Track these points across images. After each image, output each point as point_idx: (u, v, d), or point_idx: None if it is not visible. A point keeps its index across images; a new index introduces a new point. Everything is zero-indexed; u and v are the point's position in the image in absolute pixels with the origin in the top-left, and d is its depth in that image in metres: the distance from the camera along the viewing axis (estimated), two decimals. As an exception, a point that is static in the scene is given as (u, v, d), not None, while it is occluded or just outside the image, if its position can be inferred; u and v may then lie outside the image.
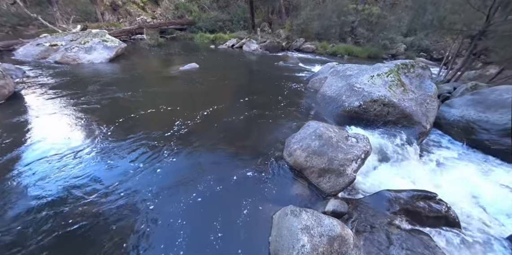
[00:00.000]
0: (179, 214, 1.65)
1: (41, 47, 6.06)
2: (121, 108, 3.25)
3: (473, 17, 5.51)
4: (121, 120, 2.89)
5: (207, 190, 1.89)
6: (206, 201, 1.79)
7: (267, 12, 14.74)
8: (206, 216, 1.67)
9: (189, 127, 2.80)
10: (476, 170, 2.79)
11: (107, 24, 11.90)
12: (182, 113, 3.19)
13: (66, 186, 1.80)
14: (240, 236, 1.57)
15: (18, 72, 4.37)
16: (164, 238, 1.49)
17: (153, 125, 2.81)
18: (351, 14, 12.92)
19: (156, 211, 1.66)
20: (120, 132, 2.60)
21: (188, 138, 2.57)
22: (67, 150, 2.23)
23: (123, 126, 2.74)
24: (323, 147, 2.22)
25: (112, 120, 2.85)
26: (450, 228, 1.88)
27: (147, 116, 3.07)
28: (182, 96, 3.98)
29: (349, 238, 1.45)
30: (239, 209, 1.76)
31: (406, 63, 4.09)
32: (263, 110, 3.51)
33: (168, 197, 1.79)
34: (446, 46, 12.22)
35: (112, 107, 3.29)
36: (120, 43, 6.71)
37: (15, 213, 1.55)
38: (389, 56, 12.00)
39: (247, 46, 10.28)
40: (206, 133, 2.73)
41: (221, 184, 1.97)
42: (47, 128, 2.64)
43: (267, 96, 4.18)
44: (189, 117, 3.09)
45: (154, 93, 4.02)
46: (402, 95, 3.54)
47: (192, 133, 2.70)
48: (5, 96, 3.26)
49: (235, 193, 1.90)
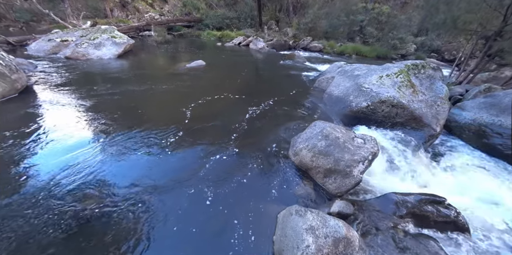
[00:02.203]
0: (183, 211, 1.66)
1: (52, 42, 6.18)
2: (129, 103, 3.29)
3: (489, 16, 5.32)
4: (128, 114, 2.92)
5: (211, 187, 1.89)
6: (210, 199, 1.79)
7: (275, 10, 14.62)
8: (209, 214, 1.67)
9: (193, 124, 2.81)
10: (487, 175, 2.71)
11: (116, 21, 12.04)
12: (188, 110, 3.21)
13: (76, 177, 1.83)
14: (244, 234, 1.57)
15: (30, 67, 4.47)
16: (167, 234, 1.50)
17: (159, 121, 2.83)
18: (360, 13, 12.67)
19: (160, 206, 1.67)
20: (126, 127, 2.63)
21: (192, 135, 2.58)
22: (77, 142, 2.27)
23: (130, 121, 2.77)
24: (330, 147, 2.19)
25: (119, 115, 2.89)
26: (459, 233, 1.84)
27: (154, 112, 3.09)
28: (189, 93, 3.99)
29: (355, 240, 1.43)
30: (243, 207, 1.76)
31: (416, 63, 3.99)
32: (269, 109, 3.50)
33: (172, 193, 1.80)
34: (459, 47, 11.88)
35: (119, 102, 3.33)
36: (128, 40, 6.77)
37: (25, 200, 1.59)
38: (398, 56, 11.75)
39: (254, 44, 10.23)
40: (211, 130, 2.73)
41: (226, 181, 1.97)
42: (58, 120, 2.71)
43: (273, 95, 4.15)
44: (194, 113, 3.10)
45: (162, 89, 4.05)
46: (411, 97, 3.46)
47: (196, 129, 2.70)
48: (18, 89, 3.34)
49: (239, 191, 1.90)
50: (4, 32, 7.94)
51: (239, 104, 3.66)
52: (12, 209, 1.54)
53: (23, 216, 1.50)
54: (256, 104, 3.67)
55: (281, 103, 3.77)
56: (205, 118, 3.02)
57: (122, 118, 2.85)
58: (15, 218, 1.48)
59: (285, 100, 3.90)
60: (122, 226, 1.51)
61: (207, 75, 5.19)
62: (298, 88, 4.75)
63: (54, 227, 1.45)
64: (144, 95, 3.69)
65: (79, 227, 1.47)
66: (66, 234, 1.42)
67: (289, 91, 4.49)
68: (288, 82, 5.11)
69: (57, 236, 1.40)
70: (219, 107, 3.41)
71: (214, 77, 5.03)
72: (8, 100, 3.12)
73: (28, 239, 1.37)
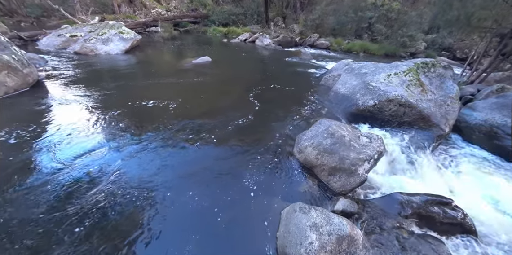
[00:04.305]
0: (188, 205, 1.69)
1: (62, 37, 6.27)
2: (136, 98, 3.33)
3: (505, 13, 5.10)
4: (135, 109, 2.97)
5: (216, 182, 1.91)
6: (214, 193, 1.81)
7: (281, 6, 14.41)
8: (213, 209, 1.69)
9: (199, 119, 2.84)
10: (497, 177, 2.64)
11: (123, 16, 12.11)
12: (194, 105, 3.23)
13: (85, 168, 1.88)
14: (247, 230, 1.59)
15: (41, 61, 4.56)
16: (172, 229, 1.53)
17: (166, 116, 2.86)
18: (369, 9, 12.34)
19: (165, 200, 1.70)
20: (133, 121, 2.67)
21: (197, 130, 2.60)
22: (87, 135, 2.32)
23: (136, 115, 2.81)
24: (335, 145, 2.18)
25: (126, 110, 2.93)
26: (466, 235, 1.81)
27: (161, 107, 3.12)
28: (194, 88, 4.01)
29: (358, 238, 1.43)
30: (247, 203, 1.77)
31: (426, 62, 3.89)
32: (274, 105, 3.48)
33: (177, 188, 1.83)
34: (472, 45, 11.48)
35: (128, 97, 3.38)
36: (135, 35, 6.82)
37: (35, 192, 1.65)
38: (407, 54, 11.45)
39: (260, 41, 10.14)
40: (216, 125, 2.74)
41: (230, 177, 1.99)
42: (70, 114, 2.79)
43: (279, 92, 4.13)
44: (200, 109, 3.12)
45: (168, 85, 4.08)
46: (420, 96, 3.38)
47: (202, 125, 2.72)
48: (29, 84, 3.42)
49: (243, 187, 1.91)
50: (16, 27, 8.10)
51: (244, 101, 3.65)
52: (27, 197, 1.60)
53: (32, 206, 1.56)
54: (261, 101, 3.66)
55: (286, 100, 3.75)
56: (210, 113, 3.03)
57: (127, 112, 2.89)
58: (34, 207, 1.54)
59: (290, 98, 3.87)
60: (124, 216, 1.55)
61: (213, 71, 5.19)
62: (303, 85, 4.71)
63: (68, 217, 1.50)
64: (149, 90, 3.73)
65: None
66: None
67: (295, 89, 4.45)
68: (294, 79, 5.07)
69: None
70: (224, 103, 3.42)
71: (220, 74, 5.03)
72: (20, 94, 3.20)
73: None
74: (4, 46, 3.24)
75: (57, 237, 1.38)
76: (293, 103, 3.65)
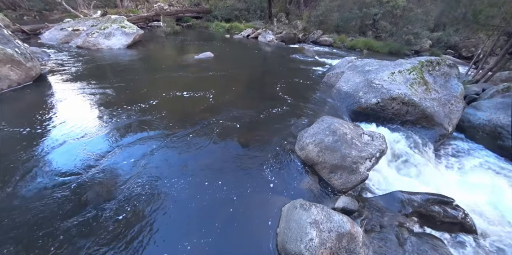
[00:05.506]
0: (189, 201, 1.70)
1: (64, 31, 6.25)
2: (138, 93, 3.33)
3: (514, 11, 5.00)
4: (137, 104, 2.96)
5: (217, 179, 1.92)
6: (214, 190, 1.82)
7: (285, 2, 14.20)
8: (214, 205, 1.70)
9: (200, 115, 2.83)
10: (499, 177, 2.63)
11: (126, 10, 12.01)
12: (195, 101, 3.22)
13: (87, 163, 1.90)
14: (248, 225, 1.60)
15: (44, 55, 4.56)
16: (174, 223, 1.55)
17: (168, 111, 2.86)
18: (374, 6, 12.13)
19: (167, 194, 1.72)
20: (136, 116, 2.67)
21: (199, 126, 2.60)
22: (89, 129, 2.33)
23: (139, 110, 2.81)
24: (337, 143, 2.17)
25: (129, 104, 2.93)
26: (466, 234, 1.81)
27: (163, 102, 3.12)
28: (196, 84, 3.99)
29: (359, 236, 1.43)
30: (248, 199, 1.78)
31: (431, 60, 3.83)
32: (276, 102, 3.47)
33: (179, 183, 1.84)
34: (478, 43, 11.29)
35: (129, 92, 3.38)
36: (137, 30, 6.77)
37: (36, 186, 1.67)
38: (412, 52, 11.29)
39: (263, 37, 10.04)
40: (218, 122, 2.74)
41: (231, 173, 2.00)
42: (73, 107, 2.80)
43: (280, 89, 4.10)
44: (201, 105, 3.11)
45: (170, 80, 4.07)
46: (424, 94, 3.35)
47: (203, 121, 2.72)
48: (32, 77, 3.42)
49: (245, 183, 1.92)
50: (19, 21, 8.07)
51: (246, 97, 3.64)
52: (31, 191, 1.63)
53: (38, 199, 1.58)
54: (263, 98, 3.64)
55: (288, 97, 3.73)
56: (212, 109, 3.03)
57: (130, 107, 2.89)
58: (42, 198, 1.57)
59: (293, 94, 3.85)
60: (126, 210, 1.57)
61: (215, 67, 5.16)
62: (306, 82, 4.67)
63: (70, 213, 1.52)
64: (150, 86, 3.72)
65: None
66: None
67: (297, 86, 4.42)
68: (296, 76, 5.03)
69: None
70: (226, 99, 3.41)
71: (222, 69, 5.00)
72: (23, 88, 3.21)
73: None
74: (7, 40, 3.23)
75: (61, 232, 1.40)
76: (295, 100, 3.63)
